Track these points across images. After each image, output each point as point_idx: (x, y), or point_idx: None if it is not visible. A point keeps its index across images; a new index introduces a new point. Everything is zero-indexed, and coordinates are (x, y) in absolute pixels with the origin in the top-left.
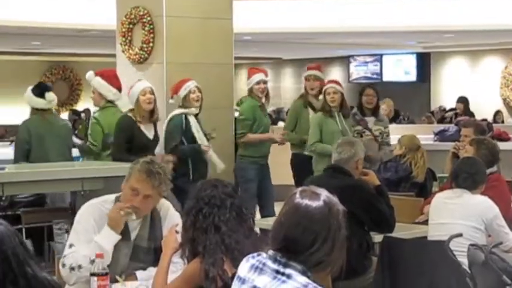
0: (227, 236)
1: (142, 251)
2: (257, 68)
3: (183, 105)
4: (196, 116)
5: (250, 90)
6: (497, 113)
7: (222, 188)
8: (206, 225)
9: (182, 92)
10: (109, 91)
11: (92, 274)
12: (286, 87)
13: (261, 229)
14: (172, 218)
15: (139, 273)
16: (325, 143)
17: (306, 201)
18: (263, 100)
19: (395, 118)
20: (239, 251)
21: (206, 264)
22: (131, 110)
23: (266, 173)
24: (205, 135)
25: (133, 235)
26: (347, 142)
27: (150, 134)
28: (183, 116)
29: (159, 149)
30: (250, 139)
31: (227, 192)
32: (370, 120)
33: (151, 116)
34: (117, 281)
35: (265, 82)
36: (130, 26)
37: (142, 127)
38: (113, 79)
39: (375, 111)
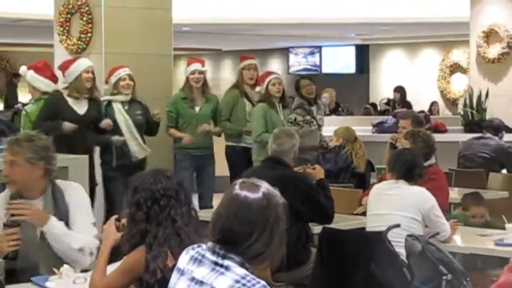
0: (182, 230)
1: None
2: (196, 58)
3: (112, 91)
4: (130, 103)
5: (186, 80)
6: (433, 103)
7: (176, 179)
8: (162, 217)
9: (113, 79)
10: (41, 83)
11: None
12: (225, 79)
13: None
14: (77, 197)
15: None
16: (270, 133)
17: (244, 193)
18: (197, 90)
19: (335, 109)
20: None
21: (149, 256)
22: (65, 88)
23: (204, 164)
24: (148, 120)
25: None
26: (286, 134)
27: (81, 110)
28: (106, 102)
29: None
30: (171, 134)
31: (180, 183)
32: (313, 109)
33: (89, 92)
34: (54, 274)
35: (200, 72)
36: (68, 15)
37: (73, 102)
38: (44, 70)
39: (315, 101)
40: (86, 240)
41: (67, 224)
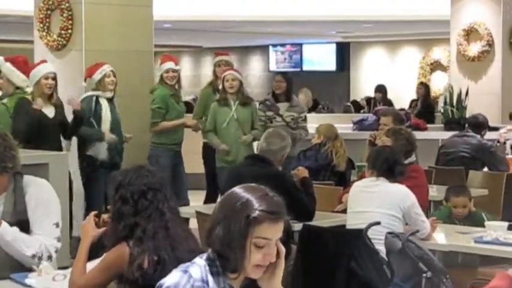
0: (170, 223)
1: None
2: (169, 56)
3: (96, 88)
4: (110, 100)
5: (161, 78)
6: (413, 101)
7: (159, 174)
8: (151, 210)
9: (97, 76)
10: (18, 77)
11: None
12: (206, 76)
13: None
14: (39, 196)
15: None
16: (219, 131)
17: (236, 189)
18: (176, 87)
19: (314, 107)
20: (176, 240)
21: (136, 251)
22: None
23: (179, 159)
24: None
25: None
26: (278, 135)
27: (50, 114)
28: (95, 98)
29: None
30: (164, 127)
31: (162, 178)
32: (283, 106)
33: (50, 98)
34: (34, 271)
35: (174, 71)
36: (49, 12)
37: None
38: (23, 66)
39: (287, 97)
40: (42, 245)
41: (26, 222)
